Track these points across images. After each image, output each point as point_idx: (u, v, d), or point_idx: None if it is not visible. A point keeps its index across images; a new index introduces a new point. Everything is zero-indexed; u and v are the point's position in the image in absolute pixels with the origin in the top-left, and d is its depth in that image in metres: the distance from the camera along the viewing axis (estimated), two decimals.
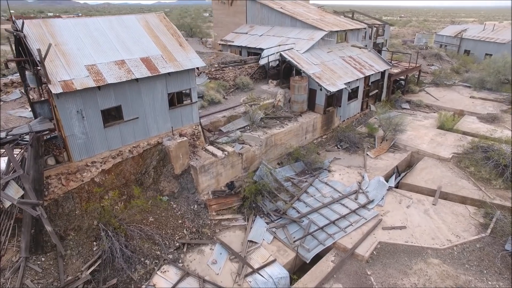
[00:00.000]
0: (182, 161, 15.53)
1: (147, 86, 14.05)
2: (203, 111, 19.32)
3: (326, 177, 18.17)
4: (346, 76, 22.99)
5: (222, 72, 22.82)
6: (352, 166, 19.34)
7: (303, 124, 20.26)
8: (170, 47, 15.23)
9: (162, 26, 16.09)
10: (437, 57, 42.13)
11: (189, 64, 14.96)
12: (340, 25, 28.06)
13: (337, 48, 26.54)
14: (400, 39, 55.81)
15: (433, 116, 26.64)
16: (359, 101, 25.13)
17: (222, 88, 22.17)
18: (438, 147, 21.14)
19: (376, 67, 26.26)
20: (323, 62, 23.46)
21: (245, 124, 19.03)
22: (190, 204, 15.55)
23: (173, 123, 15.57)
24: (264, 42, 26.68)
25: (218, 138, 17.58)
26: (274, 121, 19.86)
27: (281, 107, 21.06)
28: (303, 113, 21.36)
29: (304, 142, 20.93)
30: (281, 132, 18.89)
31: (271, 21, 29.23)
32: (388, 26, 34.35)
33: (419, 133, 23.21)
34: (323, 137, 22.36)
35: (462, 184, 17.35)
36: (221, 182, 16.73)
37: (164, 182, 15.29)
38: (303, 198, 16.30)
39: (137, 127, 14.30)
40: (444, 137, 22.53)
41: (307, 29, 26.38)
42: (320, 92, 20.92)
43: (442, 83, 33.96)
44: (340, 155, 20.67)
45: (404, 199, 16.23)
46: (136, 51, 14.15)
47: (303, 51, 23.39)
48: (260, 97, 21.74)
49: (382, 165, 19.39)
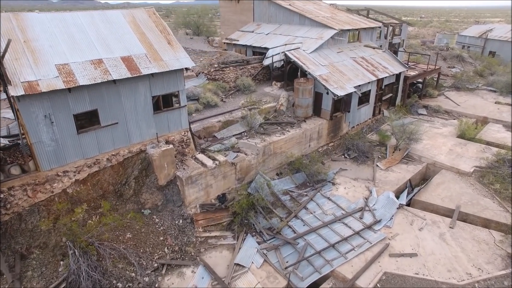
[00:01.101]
0: (167, 171, 14.12)
1: (128, 88, 12.70)
2: (197, 115, 17.88)
3: (329, 190, 16.39)
4: (356, 78, 21.09)
5: (222, 72, 21.34)
6: (359, 179, 17.47)
7: (307, 131, 18.52)
8: (156, 45, 13.85)
9: (151, 22, 14.74)
10: (458, 58, 39.34)
11: (176, 64, 13.53)
12: (353, 23, 26.10)
13: (348, 48, 24.61)
14: (419, 40, 52.93)
15: (452, 123, 24.32)
16: (370, 106, 23.14)
17: (221, 89, 20.69)
18: (458, 159, 18.97)
19: (390, 69, 24.18)
20: (332, 63, 21.63)
21: (242, 130, 17.47)
22: (175, 218, 14.13)
23: (159, 129, 14.18)
24: (270, 41, 25.05)
25: (211, 146, 16.09)
26: (275, 127, 18.21)
27: (283, 112, 19.38)
28: (308, 118, 19.61)
29: (307, 150, 19.19)
30: (281, 140, 17.23)
31: (279, 19, 27.56)
32: (405, 25, 32.07)
33: (436, 142, 21.04)
34: (329, 145, 20.54)
35: (485, 204, 15.22)
36: (211, 195, 15.24)
37: (147, 193, 13.92)
38: (301, 215, 14.61)
39: (117, 133, 12.98)
40: (464, 148, 20.30)
41: (316, 27, 24.57)
42: (327, 96, 19.13)
43: (463, 87, 31.39)
44: (347, 165, 18.81)
45: (416, 220, 14.28)
46: (117, 49, 12.82)
47: (310, 51, 21.63)
48: (261, 100, 20.14)
49: (393, 178, 17.44)
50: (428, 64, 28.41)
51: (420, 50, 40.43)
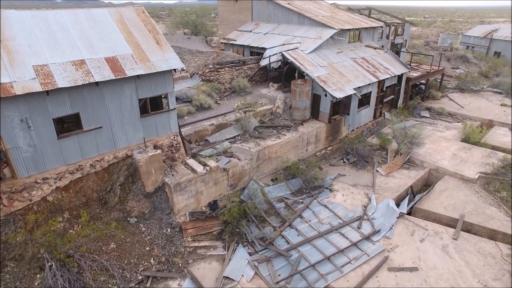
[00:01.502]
0: (155, 177, 13.45)
1: (113, 90, 12.03)
2: (190, 118, 17.20)
3: (326, 197, 15.65)
4: (356, 80, 20.32)
5: (217, 73, 20.65)
6: (358, 185, 16.71)
7: (304, 134, 17.78)
8: (144, 45, 13.18)
9: (139, 21, 14.07)
10: (463, 59, 38.40)
11: (164, 65, 12.85)
12: (353, 23, 25.33)
13: (348, 48, 23.84)
14: (423, 40, 51.96)
15: (456, 126, 23.48)
16: (371, 108, 22.36)
17: (216, 91, 20.00)
18: (462, 164, 18.15)
19: (392, 70, 23.38)
20: (331, 63, 20.87)
21: (236, 134, 16.77)
22: (163, 227, 13.45)
23: (146, 133, 13.52)
24: (268, 41, 24.34)
25: (203, 150, 15.40)
26: (271, 131, 17.48)
27: (279, 115, 18.65)
28: (305, 121, 18.87)
29: (305, 154, 18.45)
30: (277, 144, 16.50)
31: (278, 18, 26.84)
32: (408, 25, 31.22)
33: (440, 146, 20.22)
34: (327, 149, 19.78)
35: (491, 213, 14.42)
36: (202, 202, 14.55)
37: (133, 201, 13.25)
38: (296, 224, 13.88)
39: (101, 138, 12.32)
40: (469, 152, 19.47)
41: (315, 27, 23.83)
42: (325, 98, 18.38)
43: (468, 89, 30.50)
44: (345, 170, 18.05)
45: (417, 230, 13.51)
46: (102, 50, 12.16)
47: (308, 51, 20.89)
48: (257, 102, 19.43)
49: (393, 185, 16.66)
50: (431, 65, 27.57)
51: (423, 50, 39.51)
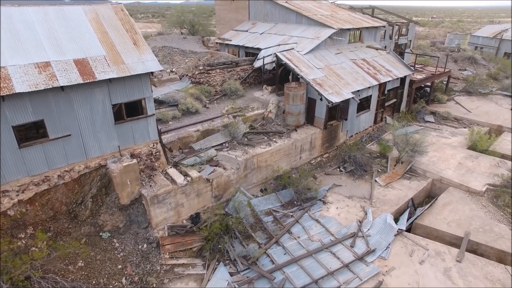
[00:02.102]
0: (130, 189, 12.42)
1: (82, 95, 11.03)
2: (174, 123, 16.16)
3: (319, 210, 14.49)
4: (355, 82, 19.10)
5: (207, 75, 19.59)
6: (354, 197, 15.51)
7: (297, 141, 16.63)
8: (120, 46, 12.16)
9: (116, 20, 13.05)
10: (471, 60, 36.84)
11: (140, 68, 11.82)
12: (354, 22, 24.08)
13: (348, 49, 22.61)
14: (429, 40, 50.35)
15: (462, 132, 22.10)
16: (371, 113, 21.10)
17: (205, 94, 18.95)
18: (468, 174, 16.83)
19: (394, 72, 22.10)
20: (329, 65, 19.68)
21: (223, 141, 15.69)
22: (139, 242, 12.43)
23: (122, 141, 12.50)
24: (264, 41, 23.22)
25: (185, 158, 14.35)
26: (261, 137, 16.37)
27: (272, 120, 17.52)
28: (299, 127, 17.71)
29: (298, 162, 17.29)
30: (267, 152, 15.39)
31: (275, 18, 25.70)
32: (413, 25, 29.85)
33: (444, 154, 18.90)
34: (323, 156, 18.60)
35: (500, 231, 13.13)
36: (183, 214, 13.50)
37: (106, 214, 12.25)
38: (283, 241, 12.75)
39: (70, 147, 11.32)
40: (476, 161, 18.12)
41: (313, 26, 22.65)
42: (320, 103, 17.21)
43: (475, 91, 29.01)
44: (341, 180, 16.86)
45: (416, 250, 12.28)
46: (71, 51, 11.16)
47: (305, 52, 19.73)
48: (249, 106, 18.33)
49: (392, 197, 15.43)
50: (437, 67, 26.19)
51: (429, 51, 38.02)
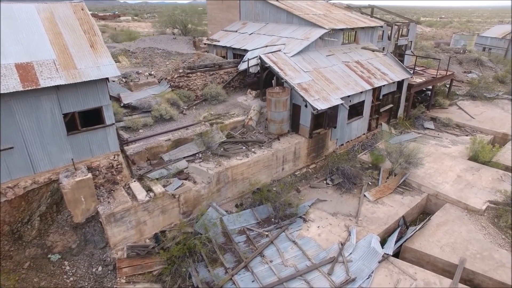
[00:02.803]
0: (85, 206, 11.24)
1: (25, 104, 9.88)
2: (145, 132, 14.95)
3: (298, 229, 13.13)
4: (346, 87, 17.69)
5: (187, 79, 18.36)
6: (339, 214, 14.12)
7: (279, 151, 15.29)
8: (74, 48, 10.99)
9: (74, 19, 11.89)
10: (477, 62, 35.02)
11: (93, 74, 10.62)
12: (349, 22, 22.64)
13: (341, 50, 21.18)
14: (433, 41, 48.47)
15: (464, 140, 20.50)
16: (365, 120, 19.64)
17: (184, 99, 17.73)
18: (467, 190, 15.30)
19: (390, 76, 20.61)
20: (318, 68, 18.29)
21: (196, 151, 14.43)
22: (93, 265, 11.23)
23: (77, 153, 11.31)
24: (252, 42, 21.93)
25: (152, 171, 13.12)
26: (239, 147, 15.07)
27: (252, 128, 16.20)
28: (283, 135, 16.37)
29: (280, 174, 15.95)
30: (243, 164, 14.09)
31: (266, 17, 24.39)
32: (414, 24, 28.25)
33: (442, 166, 17.36)
34: (310, 167, 17.21)
35: (501, 258, 11.62)
36: (147, 233, 12.27)
37: (56, 234, 11.07)
38: (253, 265, 11.42)
39: (13, 161, 10.18)
40: (476, 174, 16.56)
41: (304, 26, 21.28)
42: (305, 109, 15.85)
43: (481, 96, 27.30)
44: (327, 194, 15.47)
45: (403, 279, 10.85)
46: (13, 54, 10.03)
47: (292, 54, 18.37)
48: (229, 112, 17.05)
49: (382, 214, 14.00)
50: (438, 70, 24.57)
51: (432, 52, 36.31)
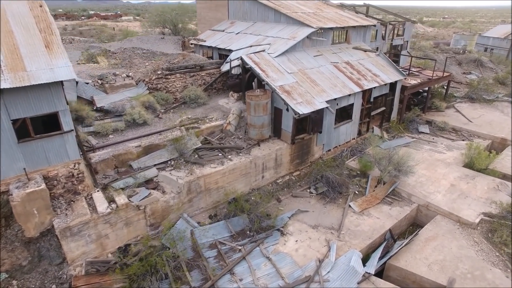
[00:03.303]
0: (39, 219, 10.33)
1: None
2: (115, 137, 14.04)
3: (274, 243, 12.15)
4: (333, 89, 16.69)
5: (165, 81, 17.45)
6: (320, 226, 13.12)
7: (258, 158, 14.32)
8: (25, 48, 10.10)
9: (30, 17, 11.01)
10: (477, 63, 33.86)
11: (45, 76, 9.72)
12: (339, 20, 21.63)
13: (331, 50, 20.19)
14: (431, 41, 47.27)
15: (460, 145, 19.42)
16: (354, 124, 18.63)
17: (162, 102, 16.81)
18: (460, 200, 14.25)
19: (382, 77, 19.58)
20: (303, 69, 17.31)
21: (169, 158, 13.50)
22: (47, 283, 10.31)
23: (30, 163, 10.42)
24: (238, 42, 20.99)
25: (118, 180, 12.20)
26: (215, 154, 14.13)
27: (231, 133, 15.25)
28: (264, 141, 15.40)
29: (260, 183, 14.98)
30: (218, 172, 13.14)
31: (253, 16, 23.45)
32: (410, 24, 27.17)
33: (435, 173, 16.31)
34: (293, 174, 16.22)
35: (494, 279, 10.58)
36: (109, 247, 11.35)
37: (3, 251, 10.17)
38: (221, 283, 10.45)
39: None
40: (471, 183, 15.51)
41: (292, 25, 20.31)
42: (287, 114, 14.88)
43: (480, 98, 26.17)
44: (310, 204, 14.48)
45: None
46: None
47: (277, 54, 17.40)
48: (207, 116, 16.11)
49: (367, 227, 12.99)
50: (434, 70, 23.47)
51: (430, 53, 35.16)
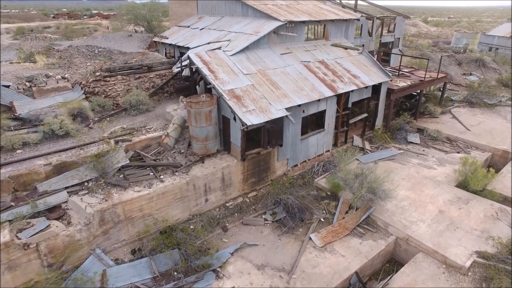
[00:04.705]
0: None
1: None
2: (26, 152, 11.46)
3: None
4: (297, 94, 13.98)
5: (104, 83, 14.88)
6: (268, 267, 10.41)
7: (198, 179, 11.66)
8: None
9: None
10: (478, 63, 30.87)
11: None
12: (316, 13, 18.89)
13: (304, 48, 17.47)
14: (430, 40, 44.26)
15: (454, 159, 16.57)
16: (328, 134, 15.91)
17: (98, 109, 14.26)
18: (449, 233, 11.45)
19: (363, 79, 16.82)
20: (265, 69, 14.63)
21: (86, 178, 10.91)
22: None
23: None
24: (198, 38, 18.40)
25: (12, 208, 9.63)
26: (146, 173, 11.50)
27: (169, 147, 12.61)
28: (210, 156, 12.75)
29: (204, 207, 12.32)
30: (142, 197, 10.51)
31: (221, 10, 20.85)
32: (401, 18, 24.35)
33: (421, 195, 13.52)
34: (249, 196, 13.52)
35: None
36: None
37: None
38: None
39: None
40: (465, 209, 12.70)
41: (259, 19, 17.65)
42: (235, 124, 12.21)
43: (480, 102, 23.25)
44: (262, 235, 11.77)
45: None
46: None
47: (234, 52, 14.75)
48: (146, 126, 13.50)
49: (327, 269, 10.26)
50: (427, 71, 20.63)
51: (428, 52, 32.25)
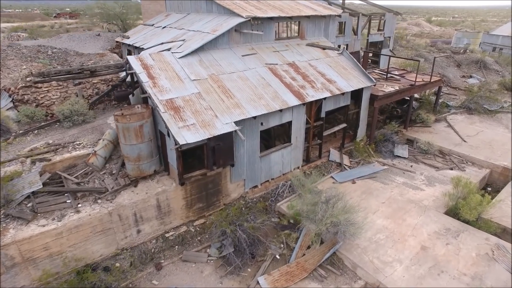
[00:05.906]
0: None
1: None
2: None
3: None
4: (254, 104, 11.80)
5: (36, 90, 12.85)
6: None
7: (124, 208, 9.56)
8: None
9: None
10: (479, 64, 28.44)
11: None
12: (289, 9, 16.69)
13: (272, 48, 15.30)
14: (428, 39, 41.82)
15: (446, 177, 14.28)
16: (296, 148, 13.73)
17: (25, 121, 12.22)
18: (431, 280, 9.20)
19: (340, 84, 14.62)
20: (218, 74, 12.48)
21: None
22: None
23: None
24: (157, 38, 16.34)
25: None
26: (63, 201, 9.42)
27: (97, 168, 10.52)
28: (146, 178, 10.64)
29: (135, 239, 10.20)
30: (47, 233, 8.43)
31: (187, 7, 18.79)
32: (391, 15, 22.07)
33: (402, 225, 11.28)
34: (195, 224, 11.39)
35: None
36: None
37: None
38: None
39: None
40: (453, 244, 10.44)
41: (223, 15, 15.53)
42: (170, 142, 10.09)
43: (479, 108, 20.89)
44: (202, 276, 9.63)
45: None
46: None
47: (184, 54, 12.63)
48: (76, 142, 11.42)
49: None
50: (417, 74, 18.32)
51: (425, 52, 29.91)
